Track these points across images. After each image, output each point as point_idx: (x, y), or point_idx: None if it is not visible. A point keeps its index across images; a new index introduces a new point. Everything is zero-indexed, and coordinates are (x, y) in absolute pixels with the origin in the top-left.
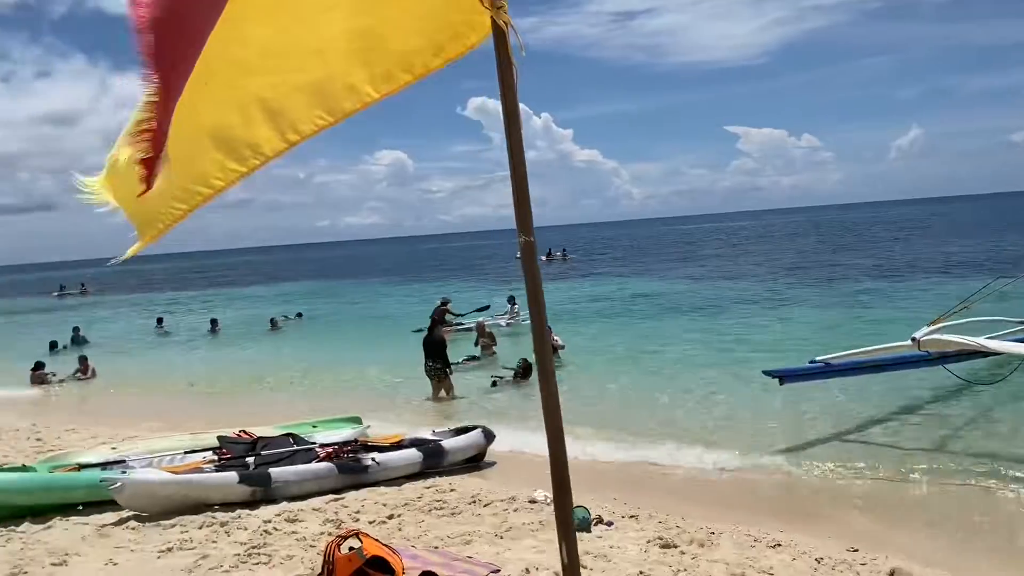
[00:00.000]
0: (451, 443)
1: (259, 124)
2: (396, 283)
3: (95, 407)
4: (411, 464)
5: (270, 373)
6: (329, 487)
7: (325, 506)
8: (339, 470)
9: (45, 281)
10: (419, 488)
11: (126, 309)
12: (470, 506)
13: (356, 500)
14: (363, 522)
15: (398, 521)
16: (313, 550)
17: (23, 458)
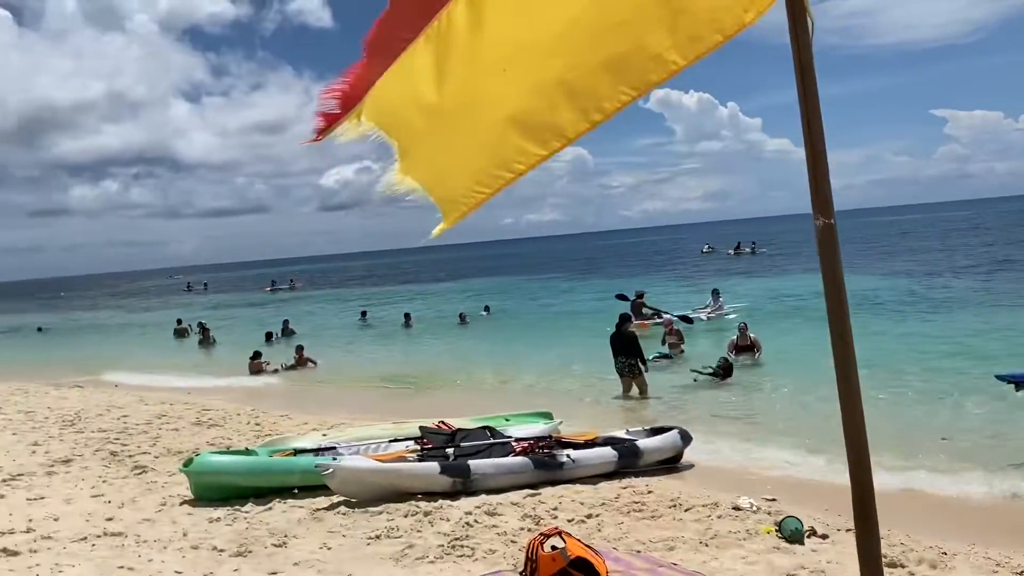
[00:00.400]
0: (647, 443)
1: (563, 107)
2: (577, 279)
3: (306, 395)
4: (606, 463)
5: (460, 366)
6: (524, 482)
7: (523, 501)
8: (534, 465)
9: (259, 277)
10: (615, 488)
11: (330, 303)
12: (670, 510)
13: (553, 497)
14: (561, 520)
15: (597, 521)
16: (514, 546)
17: (245, 441)
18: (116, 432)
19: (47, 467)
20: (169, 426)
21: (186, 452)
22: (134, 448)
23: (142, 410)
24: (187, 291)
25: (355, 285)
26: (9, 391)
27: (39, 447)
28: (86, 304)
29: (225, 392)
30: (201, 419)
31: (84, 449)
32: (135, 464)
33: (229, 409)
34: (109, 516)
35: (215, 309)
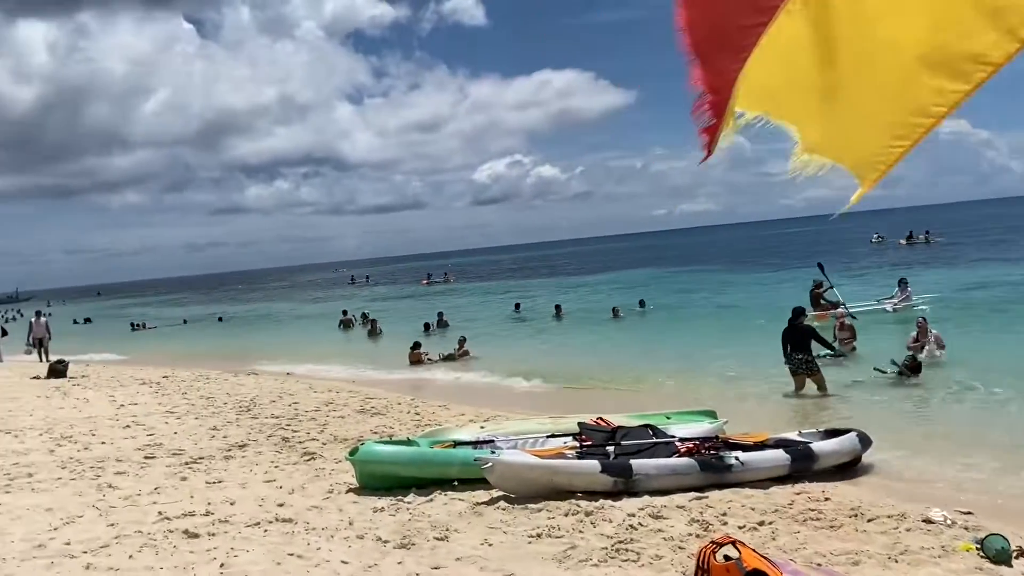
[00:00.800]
0: (822, 447)
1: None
2: (736, 271)
3: (463, 386)
4: (777, 467)
5: (614, 361)
6: (689, 484)
7: (688, 504)
8: (700, 467)
9: (415, 270)
10: (788, 493)
11: (483, 295)
12: (851, 519)
13: (721, 501)
14: (731, 526)
15: (770, 529)
16: (682, 552)
17: (406, 431)
18: (287, 419)
19: (225, 451)
20: (335, 413)
21: (351, 440)
22: (303, 434)
23: (311, 397)
24: (351, 283)
25: (506, 278)
26: (193, 377)
27: (218, 431)
28: (261, 296)
29: (387, 381)
30: (365, 407)
31: (258, 435)
32: (304, 451)
33: (390, 398)
34: (280, 502)
35: (376, 301)
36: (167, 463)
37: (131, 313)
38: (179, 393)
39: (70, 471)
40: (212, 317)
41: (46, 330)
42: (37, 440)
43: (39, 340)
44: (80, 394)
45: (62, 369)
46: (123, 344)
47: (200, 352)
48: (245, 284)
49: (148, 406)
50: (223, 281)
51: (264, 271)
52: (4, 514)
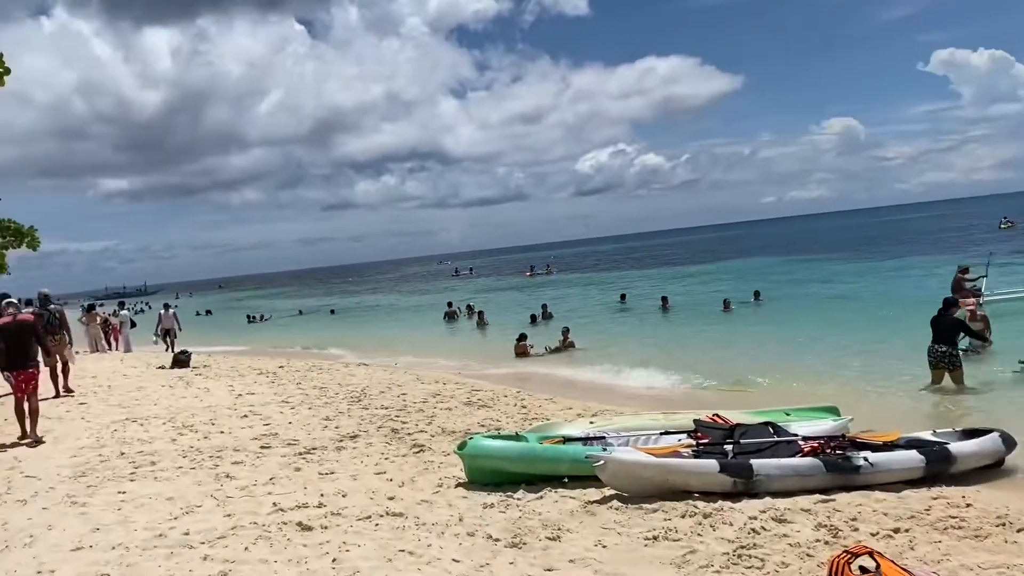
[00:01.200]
0: (961, 448)
1: None
2: (850, 260)
3: (569, 379)
4: (910, 469)
5: (726, 355)
6: (813, 486)
7: (814, 507)
8: (826, 467)
9: (518, 262)
10: (924, 498)
11: (586, 286)
12: (999, 529)
13: (849, 504)
14: (863, 533)
15: (907, 538)
16: (811, 560)
17: (513, 424)
18: (396, 410)
19: (337, 442)
20: (443, 405)
21: (459, 432)
22: (412, 426)
23: (418, 388)
24: (455, 276)
25: (609, 269)
26: (307, 367)
27: (330, 422)
28: (369, 288)
29: (492, 373)
30: (472, 399)
31: (368, 425)
32: (413, 443)
33: (496, 390)
34: (391, 495)
35: (480, 293)
36: (282, 453)
37: (249, 305)
38: (293, 383)
39: (190, 460)
40: (325, 309)
41: (175, 321)
42: (160, 429)
43: (167, 331)
44: (201, 384)
45: (185, 359)
46: (241, 335)
47: (314, 343)
48: (354, 277)
49: (264, 396)
50: (334, 274)
51: (372, 264)
52: (129, 502)
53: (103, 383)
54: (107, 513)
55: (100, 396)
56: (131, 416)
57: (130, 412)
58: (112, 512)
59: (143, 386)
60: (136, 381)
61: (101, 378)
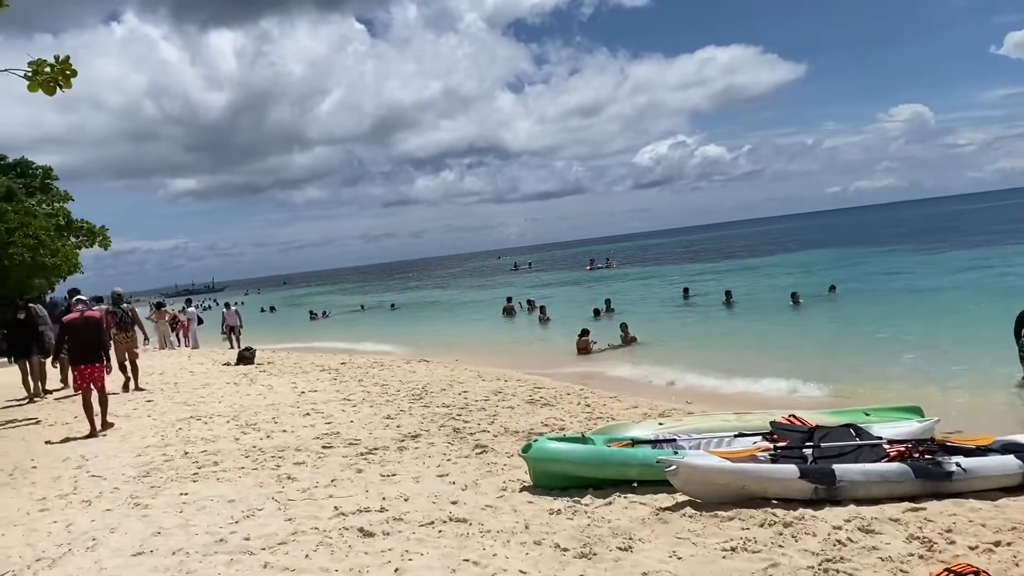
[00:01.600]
0: None
1: None
2: (924, 251)
3: (631, 376)
4: (1008, 475)
5: (796, 351)
6: (901, 493)
7: (903, 517)
8: (915, 473)
9: (577, 256)
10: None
11: (647, 280)
12: None
13: (941, 514)
14: (960, 546)
15: (1010, 552)
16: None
17: (577, 424)
18: (458, 408)
19: (398, 442)
20: (505, 403)
21: (522, 432)
22: (474, 425)
23: (480, 386)
24: (514, 270)
25: (670, 262)
26: (368, 364)
27: (391, 421)
28: (430, 283)
29: (554, 370)
30: (534, 397)
31: (430, 424)
32: (476, 443)
33: (559, 388)
34: (454, 499)
35: (539, 287)
36: (343, 453)
37: (312, 301)
38: (355, 380)
39: (252, 460)
40: (386, 304)
41: (238, 318)
42: (224, 427)
43: (231, 328)
44: (265, 381)
45: (250, 356)
46: (304, 332)
47: (375, 338)
48: (415, 272)
49: (327, 393)
50: (395, 269)
51: (432, 259)
52: (191, 504)
53: (170, 380)
54: (169, 515)
55: (167, 393)
56: (196, 414)
57: (195, 410)
58: (174, 514)
59: (208, 383)
60: (202, 378)
61: (168, 375)
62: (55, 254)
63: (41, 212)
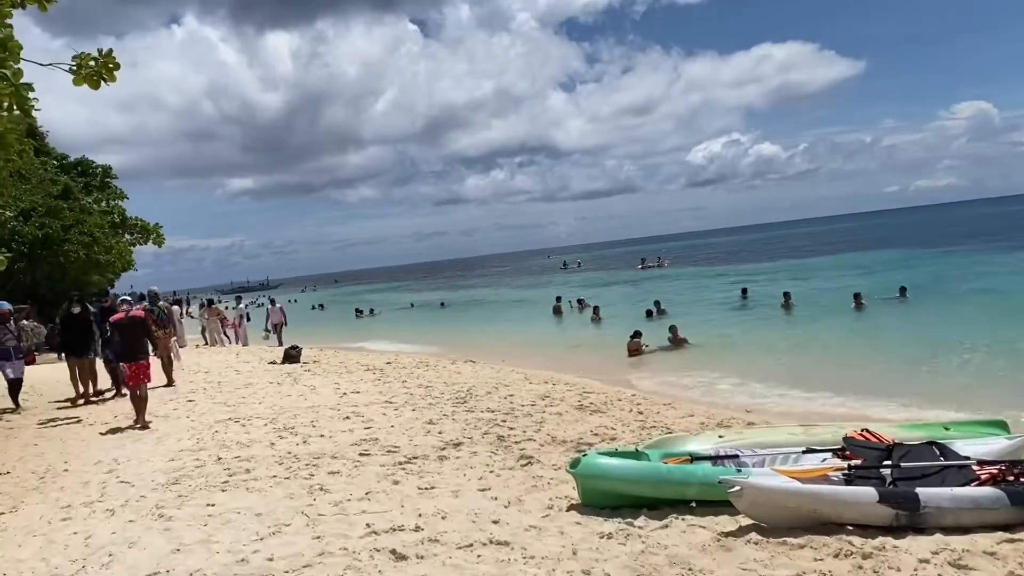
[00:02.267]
0: None
1: None
2: (992, 252)
3: (685, 381)
4: None
5: (861, 357)
6: (994, 521)
7: (999, 549)
8: (1010, 500)
9: (627, 255)
10: None
11: (700, 280)
12: None
13: None
14: None
15: None
16: None
17: (630, 433)
18: (503, 413)
19: (439, 450)
20: (552, 409)
21: (570, 442)
22: (519, 433)
23: (526, 389)
24: (563, 269)
25: (723, 262)
26: (414, 364)
27: (433, 426)
28: (480, 282)
29: (603, 372)
30: (583, 403)
31: (473, 431)
32: (521, 453)
33: (610, 393)
34: (495, 518)
35: (589, 287)
36: (381, 462)
37: (364, 299)
38: (399, 381)
39: (286, 468)
40: (435, 302)
41: (282, 315)
42: (261, 431)
43: (275, 325)
44: (308, 381)
45: (295, 355)
46: (351, 330)
47: (423, 337)
48: (465, 270)
49: (369, 394)
50: (445, 267)
51: (482, 258)
52: (216, 516)
53: (214, 379)
54: (192, 529)
55: (209, 393)
56: (234, 416)
57: (234, 411)
58: (197, 528)
59: (251, 382)
60: (246, 377)
61: (213, 373)
62: (109, 251)
63: (96, 210)
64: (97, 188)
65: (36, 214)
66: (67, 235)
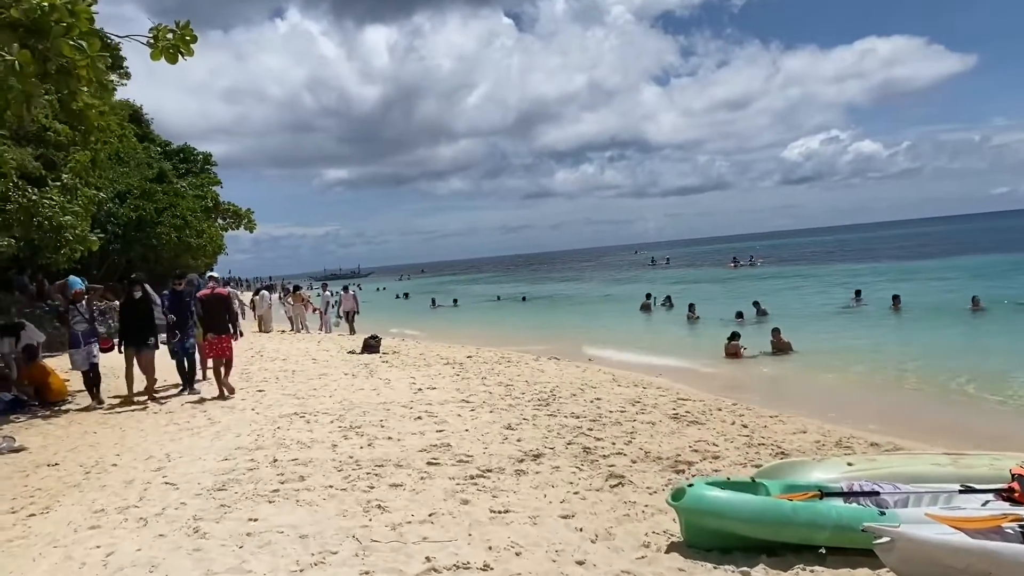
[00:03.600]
0: None
1: None
2: None
3: (794, 390)
4: None
5: (992, 366)
6: None
7: None
8: None
9: (718, 253)
10: None
11: (797, 280)
12: None
13: None
14: None
15: None
16: None
17: (734, 450)
18: (589, 420)
19: (517, 462)
20: (644, 417)
21: (666, 459)
22: (608, 445)
23: (615, 393)
24: (651, 265)
25: (820, 262)
26: (496, 359)
27: (511, 433)
28: (566, 276)
29: (698, 376)
30: (678, 411)
31: (556, 440)
32: (611, 471)
33: (707, 401)
34: (580, 557)
35: (679, 284)
36: (450, 474)
37: (449, 290)
38: (479, 377)
39: (344, 476)
40: (517, 296)
41: (355, 302)
42: (326, 429)
43: (347, 313)
44: (384, 374)
45: (375, 345)
46: (428, 320)
47: (505, 332)
48: (552, 264)
49: (445, 391)
50: (532, 261)
51: (569, 252)
52: (256, 535)
53: (290, 367)
54: (225, 552)
55: (280, 383)
56: (302, 410)
57: (302, 405)
58: (231, 550)
59: (326, 373)
60: (321, 366)
61: (290, 361)
62: (200, 235)
63: (190, 194)
64: (195, 174)
65: (131, 196)
66: (160, 218)
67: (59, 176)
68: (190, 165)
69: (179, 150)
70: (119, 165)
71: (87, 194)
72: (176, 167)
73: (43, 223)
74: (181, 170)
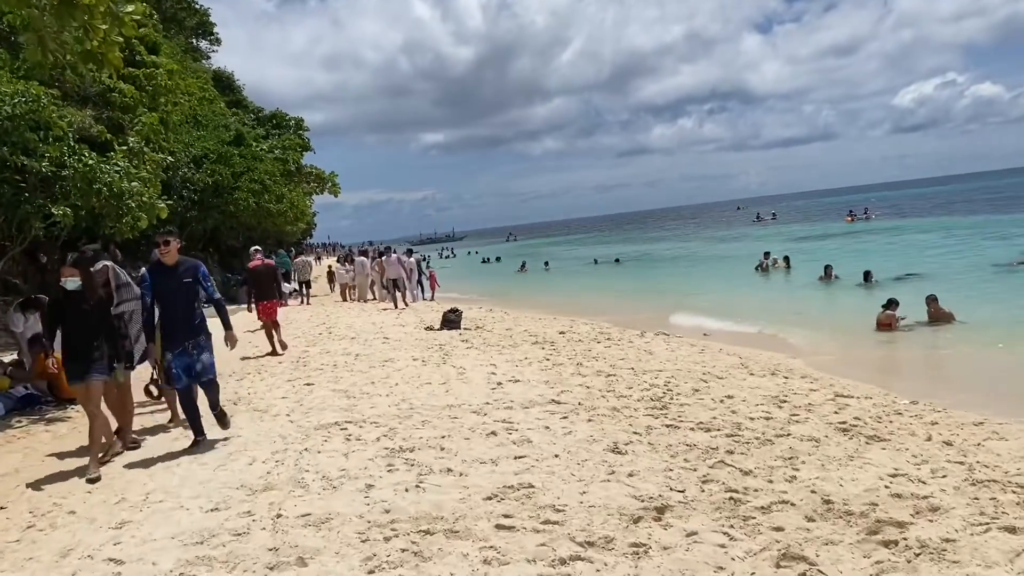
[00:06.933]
0: None
1: None
2: None
3: (974, 376)
4: None
5: None
6: None
7: None
8: None
9: (826, 206)
10: None
11: (920, 235)
12: None
13: None
14: None
15: None
16: None
17: (956, 496)
18: (725, 434)
19: (631, 521)
20: (800, 429)
21: (857, 514)
22: (762, 483)
23: (749, 386)
24: (756, 222)
25: (946, 213)
26: (592, 335)
27: (621, 459)
28: (664, 235)
29: (846, 357)
30: (843, 415)
31: (685, 474)
32: (775, 537)
33: (876, 398)
34: None
35: (791, 241)
36: (529, 551)
37: (542, 252)
38: (573, 363)
39: (364, 556)
40: (610, 258)
41: (400, 269)
42: (366, 453)
43: (393, 281)
44: (460, 358)
45: (455, 319)
46: (515, 287)
47: (602, 299)
48: (649, 223)
49: (531, 386)
50: (629, 220)
51: (667, 210)
52: None
53: (355, 350)
54: None
55: (337, 372)
56: (347, 418)
57: (350, 410)
58: None
59: (392, 359)
60: (391, 348)
61: (359, 341)
62: (280, 199)
63: (268, 157)
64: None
65: (208, 160)
66: (237, 183)
67: (126, 140)
68: (281, 131)
69: (272, 116)
70: (196, 128)
71: (155, 158)
72: (269, 133)
73: (102, 190)
74: (273, 135)
